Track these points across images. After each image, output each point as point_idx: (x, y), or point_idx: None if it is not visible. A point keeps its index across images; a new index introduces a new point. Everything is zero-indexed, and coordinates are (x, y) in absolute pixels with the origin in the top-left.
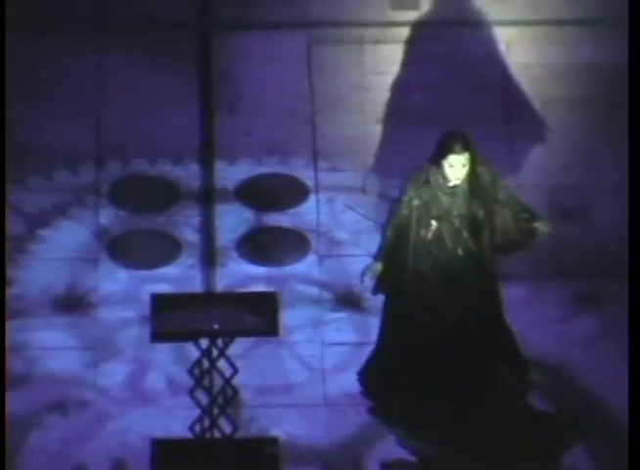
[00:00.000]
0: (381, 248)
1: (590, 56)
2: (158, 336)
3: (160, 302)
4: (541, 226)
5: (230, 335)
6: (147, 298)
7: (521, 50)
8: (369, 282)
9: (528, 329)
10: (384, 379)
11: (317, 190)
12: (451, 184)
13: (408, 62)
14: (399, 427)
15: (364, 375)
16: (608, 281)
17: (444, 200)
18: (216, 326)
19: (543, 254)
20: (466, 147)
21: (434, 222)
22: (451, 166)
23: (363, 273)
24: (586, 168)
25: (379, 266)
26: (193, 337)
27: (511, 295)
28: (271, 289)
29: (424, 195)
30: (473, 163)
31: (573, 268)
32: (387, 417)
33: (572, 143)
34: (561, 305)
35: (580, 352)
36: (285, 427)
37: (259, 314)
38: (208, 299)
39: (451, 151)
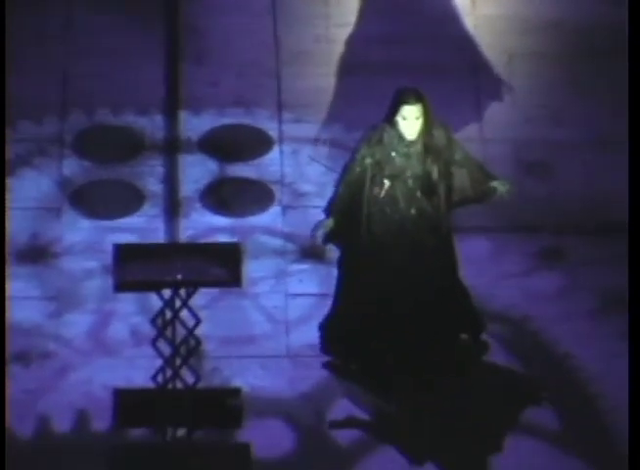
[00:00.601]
0: (332, 203)
1: (557, 9)
2: (121, 286)
3: (123, 252)
4: (499, 185)
5: (193, 285)
6: (110, 248)
7: (486, 3)
8: (320, 237)
9: (493, 283)
10: (342, 336)
11: (281, 141)
12: (406, 141)
13: (371, 14)
14: (355, 384)
15: (323, 331)
16: (573, 236)
17: (398, 160)
18: (179, 276)
19: (508, 207)
20: (418, 98)
21: (386, 181)
22: (405, 119)
23: (315, 228)
24: (552, 123)
25: (330, 222)
26: (156, 287)
27: (476, 248)
28: (235, 240)
29: (377, 154)
30: (426, 118)
31: (539, 223)
32: (343, 374)
33: (538, 97)
34: (526, 260)
35: (545, 306)
36: (248, 378)
37: (223, 265)
38: (172, 249)
39: (404, 102)
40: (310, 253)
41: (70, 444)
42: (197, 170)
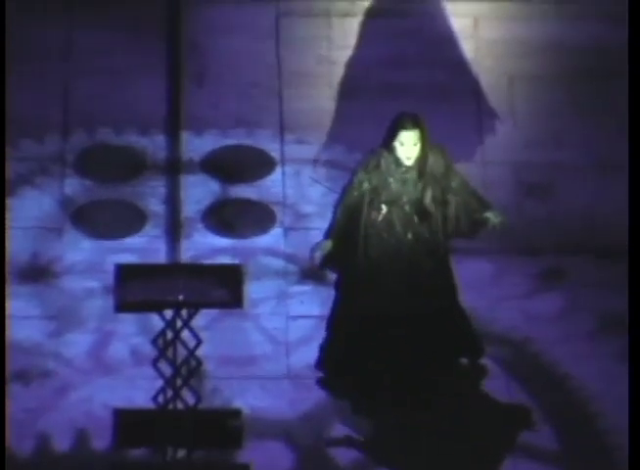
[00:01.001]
0: (331, 226)
1: (557, 32)
2: (122, 306)
3: (124, 272)
4: (492, 216)
5: (194, 306)
6: (111, 268)
7: (488, 26)
8: (318, 258)
9: (494, 305)
10: (339, 356)
11: (283, 162)
12: (403, 166)
13: (374, 36)
14: (351, 404)
15: (321, 352)
16: (574, 258)
17: (394, 185)
18: (181, 297)
19: (509, 230)
20: (416, 124)
21: (384, 206)
22: (402, 145)
23: (313, 250)
24: (552, 145)
25: (329, 244)
26: (157, 308)
27: (477, 270)
28: (236, 261)
29: (374, 179)
30: (424, 144)
31: (540, 245)
32: (341, 398)
33: (539, 120)
34: (527, 282)
35: (546, 328)
36: (248, 399)
37: (224, 286)
38: (173, 270)
39: (402, 127)
40: (312, 274)
41: (70, 463)
42: (199, 191)
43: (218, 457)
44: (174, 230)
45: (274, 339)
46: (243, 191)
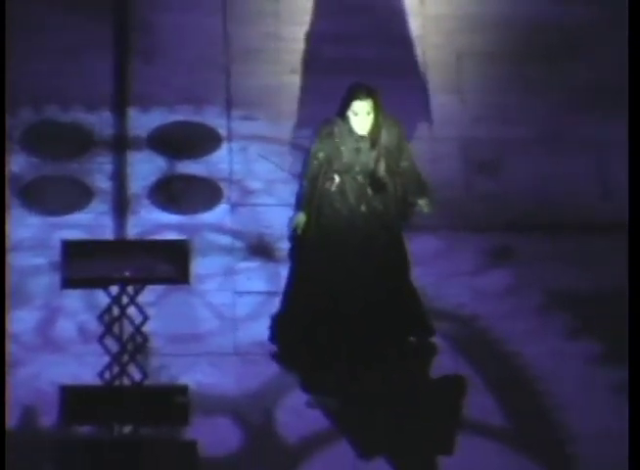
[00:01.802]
0: (299, 198)
1: (505, 9)
2: (68, 283)
3: (70, 248)
4: (423, 204)
5: (141, 282)
6: (58, 244)
7: (435, 2)
8: (299, 232)
9: (442, 281)
10: (292, 328)
11: (230, 139)
12: (357, 136)
13: (322, 12)
14: (306, 381)
15: (274, 322)
16: (520, 235)
17: (346, 154)
18: (127, 273)
19: (457, 206)
20: (369, 94)
21: (336, 176)
22: (356, 115)
23: (290, 225)
24: (500, 122)
25: (302, 217)
26: (103, 284)
27: (425, 247)
28: (183, 237)
29: (326, 147)
30: (377, 114)
31: (487, 222)
32: (295, 371)
33: (487, 96)
34: (475, 258)
35: (494, 304)
36: (195, 376)
37: (170, 262)
38: (119, 246)
39: (355, 97)
40: (258, 250)
41: (17, 439)
42: (145, 167)
43: (165, 434)
44: (121, 206)
45: (221, 315)
46: (189, 167)
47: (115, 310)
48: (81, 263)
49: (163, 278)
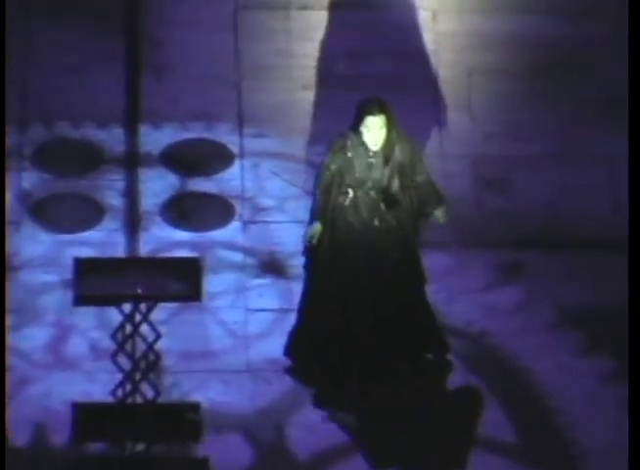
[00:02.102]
0: (313, 210)
1: (516, 26)
2: (80, 300)
3: (83, 266)
4: (440, 214)
5: (153, 300)
6: (69, 262)
7: (447, 18)
8: (314, 243)
9: (452, 298)
10: (306, 347)
11: (242, 156)
12: (370, 151)
13: (334, 29)
14: (320, 396)
15: (289, 343)
16: (531, 251)
17: (359, 169)
18: (139, 291)
19: (468, 223)
20: (382, 109)
21: (350, 190)
22: (368, 130)
23: (306, 236)
24: (511, 139)
25: (318, 227)
26: (116, 301)
27: (435, 263)
28: (195, 255)
29: (339, 160)
30: (390, 129)
31: (497, 238)
32: (309, 386)
33: (497, 113)
34: (485, 275)
35: (504, 321)
36: (207, 393)
37: (183, 280)
38: (132, 263)
39: (368, 112)
40: (270, 267)
41: (28, 457)
42: (157, 184)
43: (177, 452)
44: (132, 224)
45: (233, 332)
46: (201, 184)
47: (128, 328)
48: (94, 281)
49: (175, 295)
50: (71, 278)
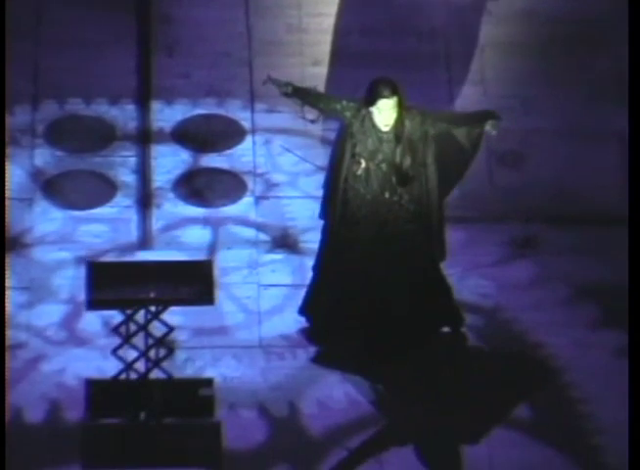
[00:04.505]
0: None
1: (527, 0)
2: (93, 304)
3: (95, 270)
4: (490, 127)
5: (165, 303)
6: (83, 238)
7: None
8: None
9: (465, 272)
10: (323, 307)
11: (254, 131)
12: (380, 130)
13: (347, 4)
14: (340, 368)
15: (306, 302)
16: (544, 226)
17: (371, 141)
18: (152, 295)
19: (480, 197)
20: (394, 91)
21: (362, 161)
22: (380, 112)
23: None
24: (523, 113)
25: (290, 88)
26: (128, 305)
27: (448, 238)
28: (207, 230)
29: (355, 125)
30: (400, 110)
31: (510, 212)
32: (329, 359)
33: (510, 87)
34: (498, 250)
35: (517, 296)
36: (220, 369)
37: (195, 283)
38: (144, 267)
39: (380, 95)
40: (283, 243)
41: (43, 434)
42: (169, 161)
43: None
44: (145, 200)
45: (246, 308)
46: (213, 160)
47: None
48: (106, 285)
49: (188, 299)
50: (85, 282)
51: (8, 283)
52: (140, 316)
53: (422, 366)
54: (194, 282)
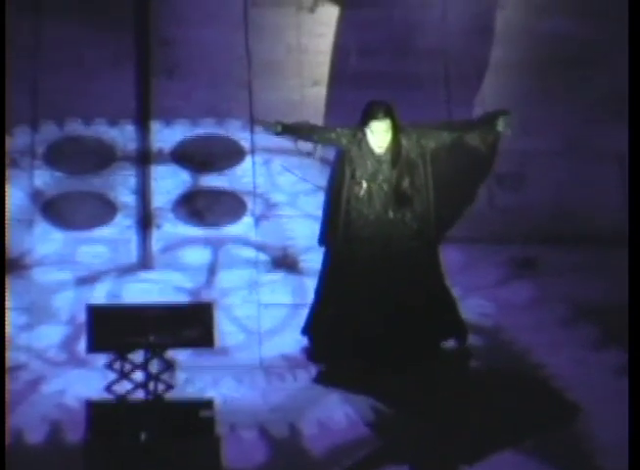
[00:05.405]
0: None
1: (526, 22)
2: (94, 348)
3: (95, 313)
4: (502, 128)
5: (165, 347)
6: (82, 259)
7: (457, 15)
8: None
9: (465, 293)
10: (325, 327)
11: (253, 152)
12: (375, 153)
13: (346, 25)
14: (343, 387)
15: (308, 323)
16: (543, 246)
17: (369, 163)
18: (152, 338)
19: (479, 218)
20: (387, 114)
21: (364, 182)
22: (373, 134)
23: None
24: (522, 133)
25: (279, 127)
26: (129, 349)
27: (448, 259)
28: (207, 250)
29: (353, 149)
30: (395, 132)
31: (510, 233)
32: (331, 378)
33: (507, 107)
34: (498, 270)
35: (517, 316)
36: (221, 389)
37: (195, 326)
38: (144, 310)
39: (373, 117)
40: (283, 263)
41: (44, 455)
42: (169, 181)
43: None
44: (145, 221)
45: (246, 328)
46: (213, 180)
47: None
48: (106, 328)
49: (188, 342)
50: (85, 326)
51: (7, 305)
52: (139, 355)
53: (422, 385)
54: (194, 325)
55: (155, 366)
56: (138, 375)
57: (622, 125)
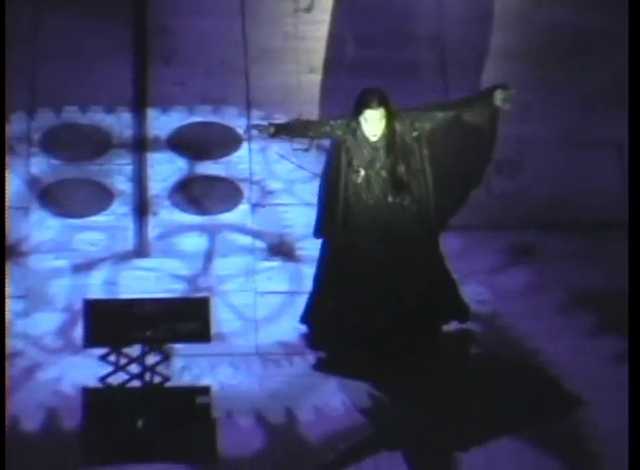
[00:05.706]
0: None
1: (524, 8)
2: (90, 342)
3: (92, 307)
4: (500, 102)
5: (162, 342)
6: (79, 246)
7: (454, 2)
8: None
9: (462, 279)
10: (323, 315)
11: (250, 139)
12: (370, 141)
13: (343, 12)
14: (342, 374)
15: (307, 311)
16: (541, 233)
17: (365, 152)
18: (149, 333)
19: (477, 205)
20: (381, 102)
21: (361, 170)
22: (367, 122)
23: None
24: (519, 120)
25: (272, 129)
26: (125, 343)
27: (445, 245)
28: (203, 237)
29: (348, 140)
30: (389, 119)
31: (507, 220)
32: (331, 366)
33: None
34: (495, 257)
35: (514, 302)
36: (217, 376)
37: (192, 320)
38: (141, 304)
39: (367, 106)
40: (279, 250)
41: (40, 442)
42: (165, 168)
43: (187, 435)
44: (141, 208)
45: (242, 315)
46: (209, 168)
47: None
48: (103, 323)
49: (185, 336)
50: (82, 320)
51: (6, 292)
52: (135, 349)
53: (420, 371)
54: (190, 320)
55: (151, 359)
56: (133, 367)
57: (621, 113)
